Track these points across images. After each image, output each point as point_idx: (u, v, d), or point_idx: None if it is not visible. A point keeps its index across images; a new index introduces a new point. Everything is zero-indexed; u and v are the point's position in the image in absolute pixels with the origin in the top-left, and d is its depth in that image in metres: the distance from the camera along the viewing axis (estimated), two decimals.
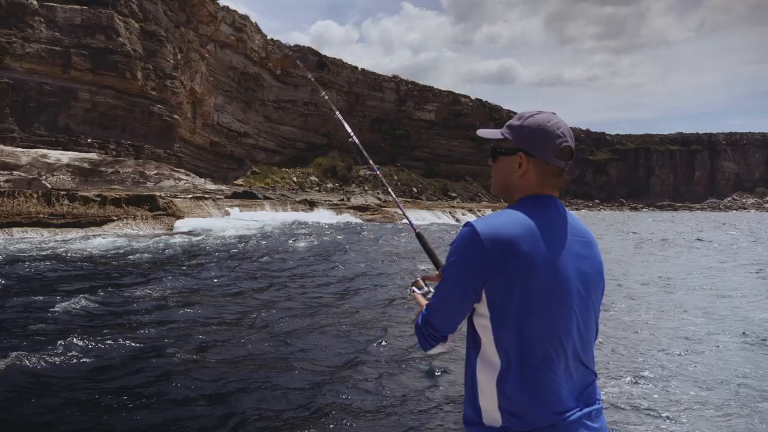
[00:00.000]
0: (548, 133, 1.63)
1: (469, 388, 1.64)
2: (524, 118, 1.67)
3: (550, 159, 1.63)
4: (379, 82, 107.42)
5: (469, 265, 1.54)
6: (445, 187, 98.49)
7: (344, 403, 5.50)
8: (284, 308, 9.68)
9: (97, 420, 4.91)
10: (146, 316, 8.75)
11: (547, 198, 1.63)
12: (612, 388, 6.12)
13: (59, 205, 20.34)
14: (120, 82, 49.42)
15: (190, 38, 64.69)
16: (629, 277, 15.42)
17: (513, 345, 1.52)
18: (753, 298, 12.10)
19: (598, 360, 1.44)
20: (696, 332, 8.80)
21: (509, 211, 1.60)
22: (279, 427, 4.99)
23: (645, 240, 29.94)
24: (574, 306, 1.58)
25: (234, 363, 6.63)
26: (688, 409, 5.65)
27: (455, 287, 1.58)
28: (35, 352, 6.52)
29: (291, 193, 63.12)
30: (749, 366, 7.02)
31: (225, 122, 79.49)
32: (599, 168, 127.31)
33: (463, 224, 1.60)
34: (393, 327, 8.49)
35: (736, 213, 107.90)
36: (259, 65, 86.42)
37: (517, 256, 1.50)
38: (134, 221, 21.20)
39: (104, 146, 46.39)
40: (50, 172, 35.31)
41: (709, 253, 22.78)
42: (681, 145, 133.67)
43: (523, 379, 1.51)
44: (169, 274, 12.89)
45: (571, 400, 1.55)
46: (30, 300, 9.50)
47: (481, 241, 1.51)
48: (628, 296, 12.16)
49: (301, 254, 18.72)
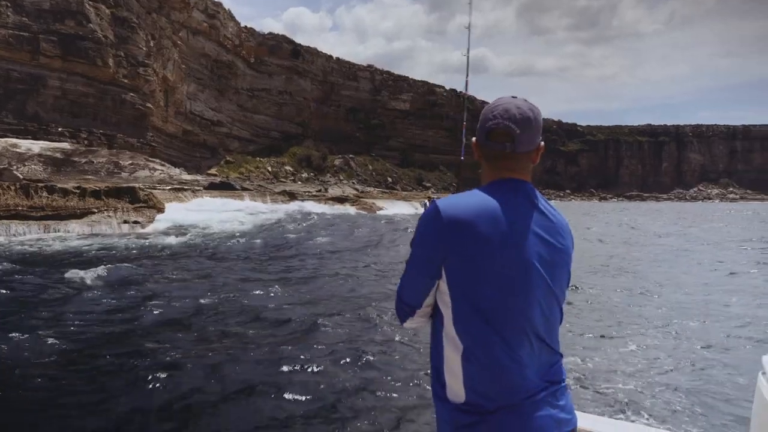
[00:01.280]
0: (484, 117, 1.65)
1: (435, 362, 1.65)
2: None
3: (483, 142, 1.65)
4: (354, 71, 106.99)
5: (431, 240, 1.57)
6: (419, 177, 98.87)
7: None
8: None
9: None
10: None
11: (515, 182, 1.63)
12: (574, 366, 6.45)
13: (38, 198, 19.95)
14: (91, 70, 48.29)
15: (162, 25, 63.41)
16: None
17: (473, 324, 1.54)
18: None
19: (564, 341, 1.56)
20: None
21: (474, 191, 1.62)
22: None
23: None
24: (536, 289, 1.58)
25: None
26: (648, 387, 6.04)
27: (419, 263, 1.61)
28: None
29: (268, 184, 62.69)
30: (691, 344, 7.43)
31: (198, 111, 78.30)
32: (570, 158, 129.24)
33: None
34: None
35: (702, 204, 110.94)
36: (232, 53, 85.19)
37: (476, 234, 1.52)
38: (115, 213, 20.91)
39: (75, 135, 45.39)
40: (21, 162, 34.48)
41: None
42: (649, 137, 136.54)
43: (485, 357, 1.53)
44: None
45: (535, 379, 1.57)
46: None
47: (441, 218, 1.53)
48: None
49: (349, 247, 18.91)
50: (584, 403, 5.36)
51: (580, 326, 8.50)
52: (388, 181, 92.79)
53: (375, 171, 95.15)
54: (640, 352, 7.34)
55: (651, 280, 13.28)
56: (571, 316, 8.77)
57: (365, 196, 54.45)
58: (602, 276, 14.07)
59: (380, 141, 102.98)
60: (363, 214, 40.16)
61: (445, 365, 1.59)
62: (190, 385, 5.82)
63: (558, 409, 1.59)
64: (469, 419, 1.54)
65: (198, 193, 34.25)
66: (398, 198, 55.94)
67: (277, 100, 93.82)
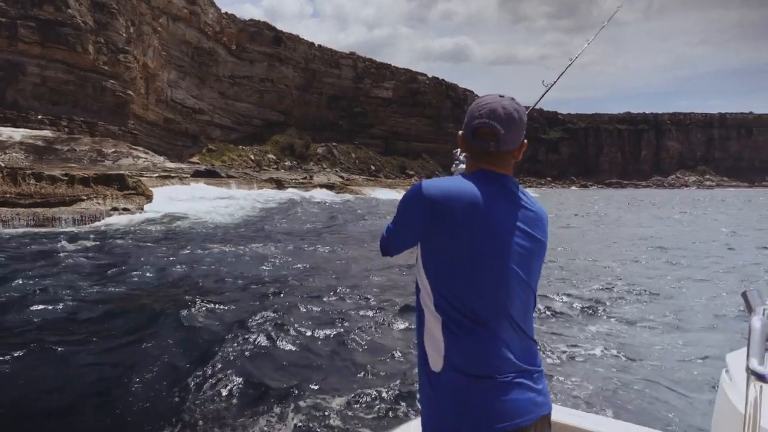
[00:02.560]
0: (471, 114, 1.70)
1: (418, 333, 1.70)
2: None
3: (469, 139, 1.70)
4: (336, 58, 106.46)
5: (412, 215, 1.64)
6: (402, 165, 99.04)
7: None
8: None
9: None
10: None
11: (496, 174, 1.68)
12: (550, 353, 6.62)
13: (26, 185, 19.74)
14: (71, 56, 47.48)
15: (142, 11, 62.39)
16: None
17: (449, 303, 1.60)
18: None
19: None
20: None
21: (457, 177, 1.69)
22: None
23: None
24: (511, 274, 1.62)
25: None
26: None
27: (400, 227, 1.70)
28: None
29: (253, 172, 62.29)
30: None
31: (179, 98, 77.38)
32: (551, 146, 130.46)
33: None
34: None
35: (678, 191, 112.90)
36: (213, 40, 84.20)
37: (455, 216, 1.57)
38: (104, 200, 20.78)
39: (56, 123, 44.68)
40: (2, 150, 33.92)
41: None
42: (629, 125, 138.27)
43: (466, 335, 1.57)
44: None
45: (514, 361, 1.61)
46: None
47: (424, 197, 1.59)
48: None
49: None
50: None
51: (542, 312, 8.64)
52: (371, 170, 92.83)
53: (358, 159, 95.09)
54: (604, 344, 7.41)
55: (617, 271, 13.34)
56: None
57: (351, 183, 54.46)
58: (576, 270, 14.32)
59: (363, 129, 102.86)
60: (362, 198, 41.30)
61: (425, 336, 1.65)
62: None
63: (536, 393, 1.63)
64: (448, 392, 1.59)
65: (185, 180, 33.97)
66: (384, 185, 56.13)
67: (258, 88, 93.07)
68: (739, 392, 2.15)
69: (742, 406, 1.48)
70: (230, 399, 5.08)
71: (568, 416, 2.31)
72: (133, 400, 4.98)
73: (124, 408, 4.87)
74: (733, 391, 2.26)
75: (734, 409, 2.11)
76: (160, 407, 4.87)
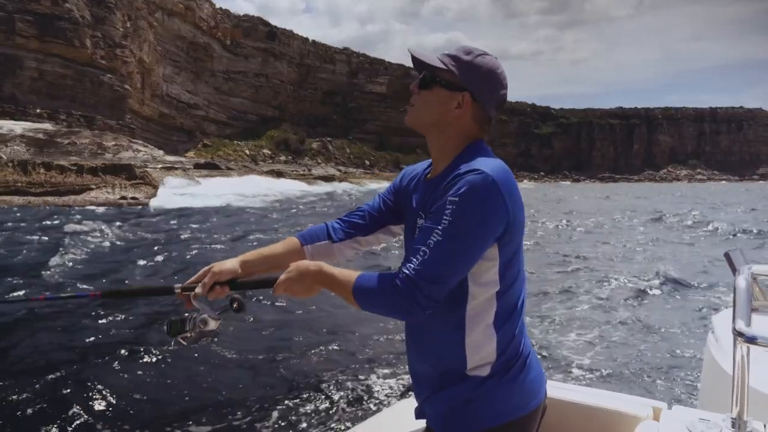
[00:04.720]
0: (497, 82, 1.52)
1: (452, 337, 1.49)
2: (474, 55, 1.54)
3: (489, 107, 1.50)
4: (331, 54, 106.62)
5: (492, 219, 1.36)
6: (396, 160, 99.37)
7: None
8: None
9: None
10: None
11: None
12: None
13: (36, 174, 20.08)
14: (68, 50, 47.56)
15: (138, 5, 62.39)
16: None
17: (505, 299, 1.47)
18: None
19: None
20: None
21: (494, 158, 1.46)
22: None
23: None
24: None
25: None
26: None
27: (475, 243, 1.37)
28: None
29: (252, 165, 62.58)
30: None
31: (174, 93, 77.41)
32: (544, 141, 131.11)
33: (469, 170, 1.38)
34: None
35: (670, 184, 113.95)
36: (208, 35, 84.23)
37: (518, 205, 1.42)
38: (113, 190, 21.13)
39: (54, 117, 44.77)
40: (3, 143, 34.08)
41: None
42: (621, 120, 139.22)
43: (511, 322, 1.49)
44: None
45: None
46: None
47: (501, 193, 1.35)
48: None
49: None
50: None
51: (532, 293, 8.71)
52: (366, 164, 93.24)
53: (353, 154, 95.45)
54: (590, 317, 7.58)
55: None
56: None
57: (350, 176, 54.91)
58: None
59: (357, 124, 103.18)
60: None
61: (468, 339, 1.46)
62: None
63: (542, 367, 1.63)
64: (495, 380, 1.48)
65: (189, 172, 34.20)
66: (381, 178, 56.54)
67: (253, 83, 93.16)
68: (725, 353, 2.14)
69: (729, 368, 1.45)
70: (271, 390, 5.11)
71: (560, 391, 2.10)
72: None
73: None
74: (719, 352, 2.26)
75: (722, 371, 2.09)
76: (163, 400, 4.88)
